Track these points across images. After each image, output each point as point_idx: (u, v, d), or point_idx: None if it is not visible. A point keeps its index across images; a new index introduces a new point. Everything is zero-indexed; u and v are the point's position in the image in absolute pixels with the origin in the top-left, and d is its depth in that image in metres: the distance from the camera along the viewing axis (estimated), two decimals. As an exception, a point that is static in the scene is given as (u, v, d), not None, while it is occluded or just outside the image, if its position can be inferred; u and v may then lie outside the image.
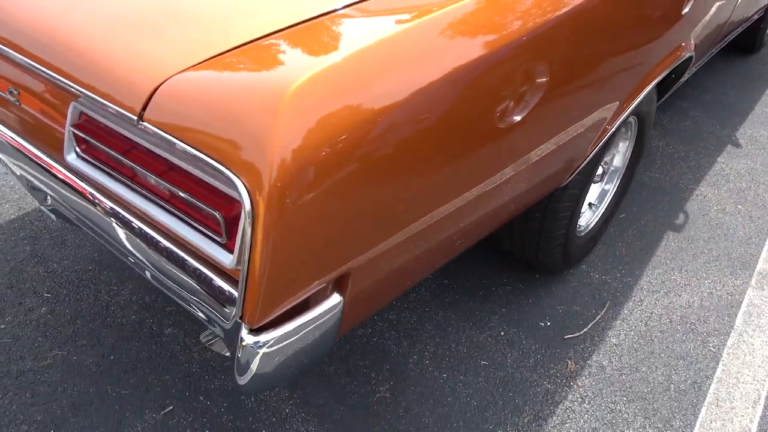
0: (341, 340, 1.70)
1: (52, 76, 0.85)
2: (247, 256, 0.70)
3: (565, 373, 1.63)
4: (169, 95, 0.74)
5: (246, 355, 0.77)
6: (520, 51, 0.99)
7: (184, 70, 0.76)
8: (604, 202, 1.95)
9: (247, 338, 0.74)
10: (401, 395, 1.56)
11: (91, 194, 0.91)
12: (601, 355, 1.69)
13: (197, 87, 0.73)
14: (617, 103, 1.45)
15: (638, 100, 1.52)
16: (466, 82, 0.89)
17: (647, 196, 2.33)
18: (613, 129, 1.49)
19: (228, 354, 1.01)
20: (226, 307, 0.79)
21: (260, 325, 0.75)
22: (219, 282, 0.78)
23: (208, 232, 0.78)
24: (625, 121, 1.63)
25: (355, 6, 0.92)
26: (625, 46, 1.37)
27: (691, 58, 1.73)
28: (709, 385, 1.61)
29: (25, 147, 1.01)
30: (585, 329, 1.76)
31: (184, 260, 0.80)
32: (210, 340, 1.01)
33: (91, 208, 0.94)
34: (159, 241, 0.84)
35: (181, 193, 0.78)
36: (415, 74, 0.81)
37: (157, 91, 0.74)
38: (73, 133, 0.90)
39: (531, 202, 1.45)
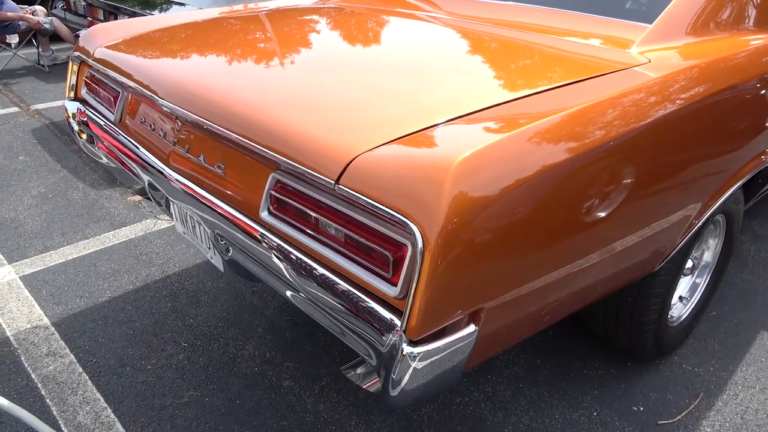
0: (440, 404, 1.83)
1: (262, 151, 1.16)
2: (414, 284, 0.92)
3: (660, 457, 1.67)
4: (362, 166, 1.01)
5: (401, 370, 0.96)
6: (601, 156, 1.17)
7: (372, 148, 1.03)
8: (695, 296, 2.04)
9: (407, 349, 0.94)
10: (497, 461, 1.65)
11: (277, 245, 1.18)
12: (696, 443, 1.72)
13: (383, 160, 1.00)
14: (701, 202, 1.59)
15: (722, 199, 1.66)
16: (555, 180, 1.09)
17: (739, 296, 2.37)
18: (700, 224, 1.63)
19: (361, 384, 1.20)
20: (384, 335, 1.00)
21: (417, 339, 0.95)
22: (382, 311, 0.99)
23: (376, 270, 1.01)
24: (712, 219, 1.76)
25: (467, 117, 1.16)
26: (710, 153, 1.55)
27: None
28: (813, 483, 1.59)
29: (222, 207, 1.32)
30: (678, 417, 1.81)
31: (354, 295, 1.03)
32: (351, 371, 1.21)
33: (272, 254, 1.20)
34: (331, 280, 1.07)
35: (358, 239, 1.02)
36: (519, 169, 1.04)
37: (351, 164, 1.02)
38: (270, 195, 1.19)
39: (618, 286, 1.57)
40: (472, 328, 1.01)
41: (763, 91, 1.70)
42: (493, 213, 0.98)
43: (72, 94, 2.05)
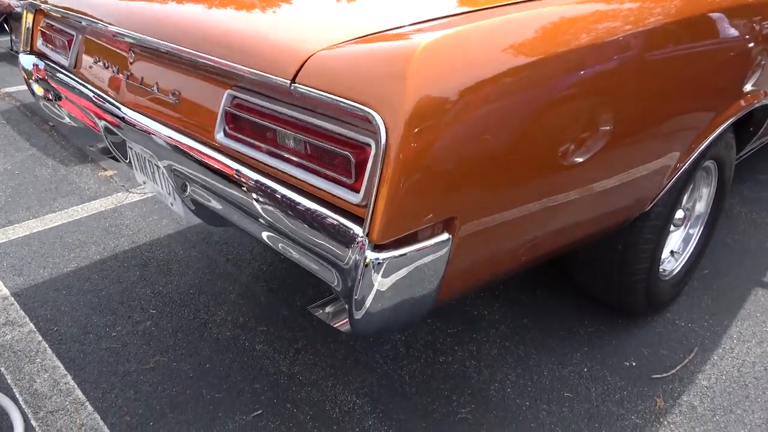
0: (422, 363, 1.73)
1: (215, 63, 1.05)
2: (377, 183, 0.82)
3: (654, 410, 1.58)
4: (318, 63, 0.91)
5: (364, 287, 0.86)
6: (573, 60, 1.05)
7: (329, 47, 0.93)
8: (687, 249, 1.96)
9: (370, 255, 0.84)
10: (483, 418, 1.56)
11: (234, 169, 1.08)
12: (691, 396, 1.63)
13: (341, 56, 0.90)
14: (687, 143, 1.48)
15: (709, 140, 1.53)
16: (525, 84, 0.98)
17: (732, 256, 2.30)
18: (686, 166, 1.52)
19: (331, 322, 1.10)
20: (346, 247, 0.89)
21: (383, 243, 0.85)
22: (344, 220, 0.89)
23: (338, 177, 0.91)
24: (702, 165, 1.66)
25: (431, 21, 1.05)
26: (695, 93, 1.43)
27: (766, 107, 1.79)
28: (815, 432, 1.51)
29: (176, 138, 1.21)
30: (673, 371, 1.72)
31: (316, 210, 0.92)
32: (320, 309, 1.11)
33: (230, 181, 1.10)
34: (290, 198, 0.97)
35: (318, 144, 0.92)
36: (486, 62, 0.93)
37: (308, 61, 0.91)
38: (225, 113, 1.08)
39: (601, 229, 1.46)
40: (445, 236, 0.91)
41: (747, 25, 1.59)
42: (459, 104, 0.87)
43: (27, 48, 1.93)
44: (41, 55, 1.90)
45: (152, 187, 1.54)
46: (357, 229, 0.87)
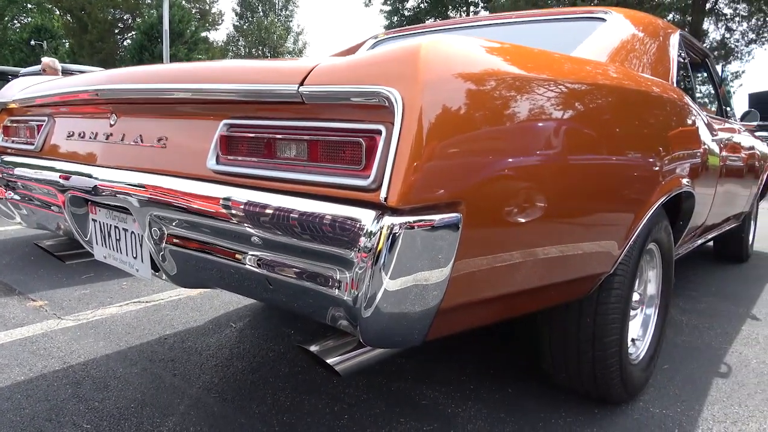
0: (402, 460, 1.57)
1: (217, 92, 1.09)
2: (392, 158, 0.84)
3: (652, 489, 1.48)
4: (323, 70, 0.97)
5: (376, 270, 0.82)
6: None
7: (328, 61, 1.00)
8: (646, 335, 2.01)
9: (389, 220, 0.81)
10: None
11: (225, 196, 1.06)
12: (685, 472, 1.55)
13: (345, 62, 0.97)
14: (624, 227, 1.57)
15: (645, 219, 1.64)
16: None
17: (684, 354, 2.36)
18: (623, 253, 1.60)
19: (324, 358, 1.03)
20: (358, 231, 0.86)
21: (401, 207, 0.83)
22: (352, 208, 0.88)
23: (344, 168, 0.92)
24: (644, 247, 1.76)
25: None
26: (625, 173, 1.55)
27: (691, 195, 2.00)
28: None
29: (162, 185, 1.18)
30: (660, 452, 1.65)
31: (319, 205, 0.91)
32: (309, 345, 1.03)
33: (218, 210, 1.07)
34: (289, 207, 0.95)
35: (323, 142, 0.94)
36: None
37: (314, 69, 0.98)
38: (220, 139, 1.09)
39: (548, 300, 1.50)
40: (456, 214, 0.91)
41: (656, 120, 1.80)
42: (467, 83, 0.95)
43: (-16, 148, 1.91)
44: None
45: (115, 260, 1.45)
46: (368, 212, 0.86)
